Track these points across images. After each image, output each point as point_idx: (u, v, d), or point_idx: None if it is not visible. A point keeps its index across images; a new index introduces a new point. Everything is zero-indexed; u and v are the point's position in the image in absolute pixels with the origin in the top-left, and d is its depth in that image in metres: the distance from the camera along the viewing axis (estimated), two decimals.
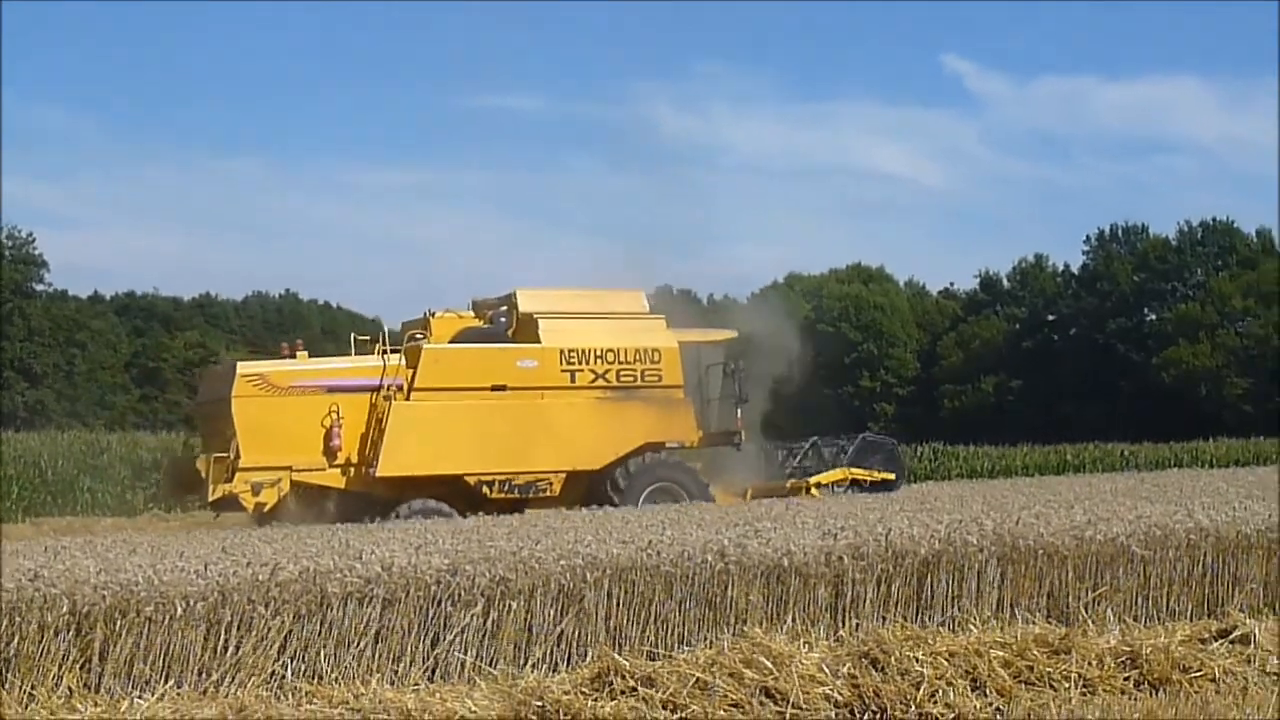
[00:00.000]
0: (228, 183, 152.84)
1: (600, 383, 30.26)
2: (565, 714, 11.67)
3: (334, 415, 28.44)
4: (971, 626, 13.94)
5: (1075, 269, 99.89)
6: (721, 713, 11.96)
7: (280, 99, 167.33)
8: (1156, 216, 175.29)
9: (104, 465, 46.45)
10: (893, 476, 33.26)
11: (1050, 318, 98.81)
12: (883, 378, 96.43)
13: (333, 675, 12.07)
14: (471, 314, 31.24)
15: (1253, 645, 13.92)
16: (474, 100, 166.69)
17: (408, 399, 29.07)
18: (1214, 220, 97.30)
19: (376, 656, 12.32)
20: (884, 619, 13.86)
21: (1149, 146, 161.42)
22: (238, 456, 27.56)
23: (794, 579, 13.74)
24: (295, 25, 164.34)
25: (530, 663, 12.72)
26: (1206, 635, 14.21)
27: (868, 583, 13.97)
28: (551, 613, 12.96)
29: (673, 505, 26.64)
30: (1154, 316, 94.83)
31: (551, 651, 12.89)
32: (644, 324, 31.32)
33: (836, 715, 12.23)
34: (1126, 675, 13.23)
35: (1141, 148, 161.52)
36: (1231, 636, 14.08)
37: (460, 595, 12.66)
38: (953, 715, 12.32)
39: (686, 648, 13.05)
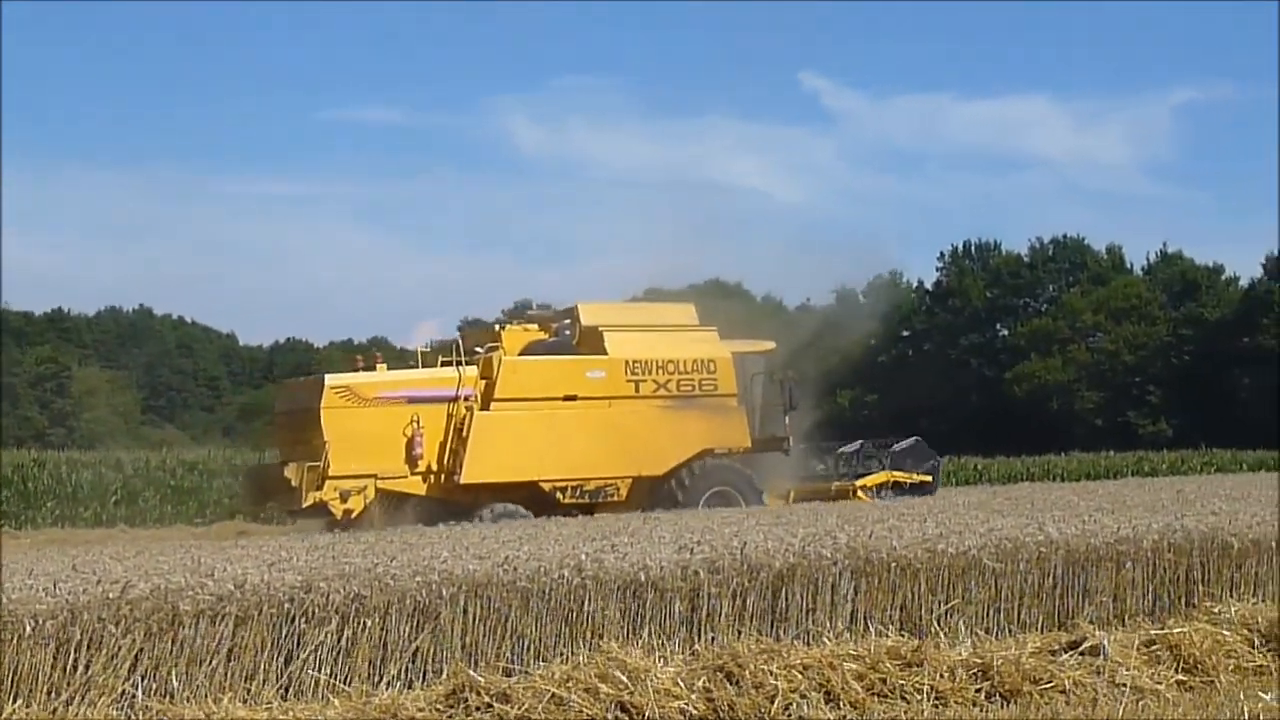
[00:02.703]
0: (85, 193, 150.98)
1: (662, 392, 31.37)
2: None
3: (415, 425, 29.31)
4: (825, 639, 14.03)
5: (930, 285, 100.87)
6: None
7: (140, 107, 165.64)
8: (1011, 232, 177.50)
9: None
10: (929, 479, 34.29)
11: (905, 333, 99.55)
12: None
13: (184, 694, 11.93)
14: (535, 327, 32.11)
15: (1102, 657, 14.12)
16: (333, 113, 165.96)
17: (485, 409, 29.87)
18: (1065, 237, 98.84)
19: (229, 674, 12.18)
20: (739, 632, 13.90)
21: (1003, 163, 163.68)
22: (327, 465, 28.22)
23: (650, 593, 13.76)
24: (156, 32, 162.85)
25: (385, 680, 12.64)
26: (1057, 647, 14.38)
27: (723, 596, 14.02)
28: (406, 629, 12.89)
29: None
30: (1006, 332, 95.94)
31: (406, 669, 12.82)
32: (699, 335, 32.59)
33: None
34: (978, 687, 13.37)
35: (995, 165, 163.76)
36: (1081, 648, 14.27)
37: (314, 613, 12.56)
38: None
39: (543, 663, 13.03)
